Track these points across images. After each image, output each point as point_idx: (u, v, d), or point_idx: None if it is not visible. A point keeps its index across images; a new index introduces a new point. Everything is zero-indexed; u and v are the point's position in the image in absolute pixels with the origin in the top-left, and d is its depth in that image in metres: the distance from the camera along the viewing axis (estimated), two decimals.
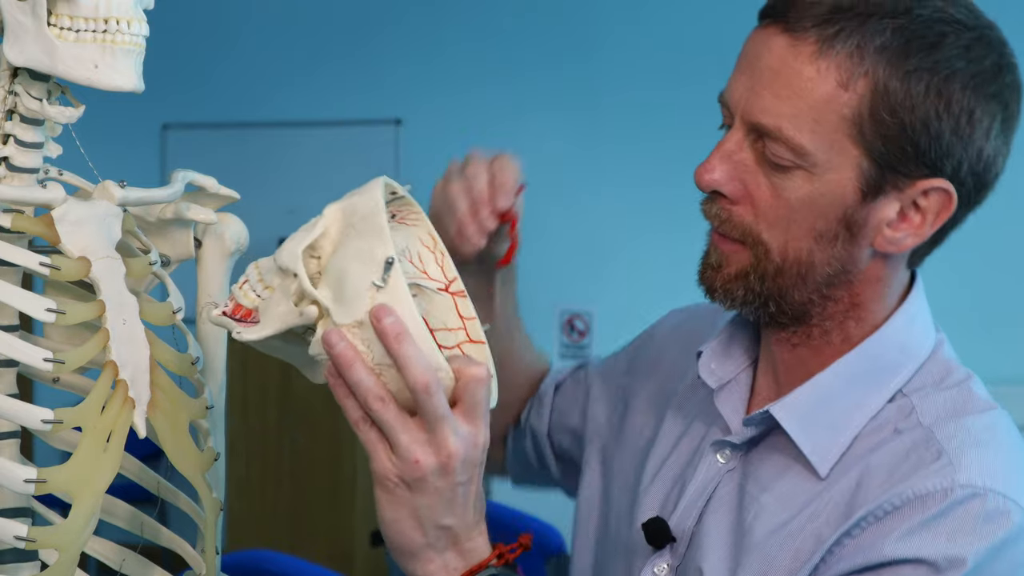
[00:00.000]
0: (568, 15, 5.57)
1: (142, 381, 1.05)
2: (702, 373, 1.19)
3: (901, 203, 1.06)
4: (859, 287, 1.10)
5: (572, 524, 1.37)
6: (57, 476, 1.00)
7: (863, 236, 1.07)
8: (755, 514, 1.10)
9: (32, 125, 1.06)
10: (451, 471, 0.97)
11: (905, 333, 1.12)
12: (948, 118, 1.03)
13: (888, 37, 1.02)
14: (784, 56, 1.05)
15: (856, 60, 1.03)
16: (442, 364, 0.96)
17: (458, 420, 0.97)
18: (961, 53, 1.03)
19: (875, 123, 1.03)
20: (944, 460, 1.03)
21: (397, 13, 5.78)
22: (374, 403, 0.95)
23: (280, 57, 5.94)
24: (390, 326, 0.94)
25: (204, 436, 1.15)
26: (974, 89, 1.03)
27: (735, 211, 1.10)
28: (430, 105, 5.67)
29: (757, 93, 1.06)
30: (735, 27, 5.45)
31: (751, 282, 1.10)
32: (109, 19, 0.98)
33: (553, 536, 3.61)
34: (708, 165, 1.11)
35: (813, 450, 1.09)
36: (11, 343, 1.02)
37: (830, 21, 1.03)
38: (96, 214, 1.05)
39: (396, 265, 0.95)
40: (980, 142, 1.05)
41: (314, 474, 5.32)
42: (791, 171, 1.05)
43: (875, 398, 1.10)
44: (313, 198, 5.14)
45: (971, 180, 1.06)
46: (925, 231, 1.07)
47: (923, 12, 1.03)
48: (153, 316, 1.09)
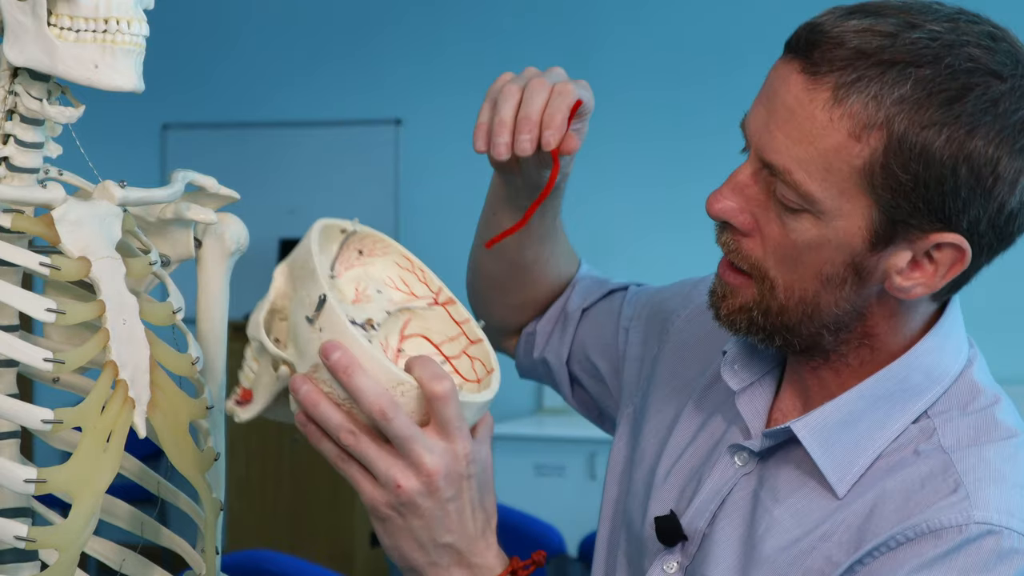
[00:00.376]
0: (568, 15, 5.58)
1: (142, 381, 1.05)
2: (724, 374, 1.17)
3: (913, 252, 1.03)
4: (871, 322, 1.08)
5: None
6: (57, 476, 1.00)
7: (872, 281, 1.05)
8: (767, 527, 1.09)
9: (32, 125, 1.06)
10: (436, 489, 0.97)
11: (933, 357, 1.09)
12: (967, 174, 0.98)
13: (909, 88, 0.97)
14: (800, 97, 1.01)
15: (871, 111, 0.98)
16: (402, 378, 0.96)
17: (432, 437, 0.97)
18: (988, 107, 0.98)
19: (887, 176, 0.99)
20: (961, 493, 1.01)
21: (397, 13, 5.78)
22: (346, 437, 0.96)
23: (280, 57, 5.94)
24: (337, 361, 0.95)
25: (204, 436, 1.15)
26: (999, 144, 0.98)
27: (744, 243, 1.08)
28: (430, 105, 5.67)
29: (771, 132, 1.03)
30: (735, 27, 5.48)
31: (754, 316, 1.08)
32: (109, 19, 0.98)
33: (553, 536, 3.61)
34: (719, 194, 1.08)
35: (832, 470, 1.07)
36: (11, 343, 1.02)
37: (850, 67, 0.99)
38: (96, 214, 1.05)
39: (328, 301, 0.97)
40: (1003, 197, 1.00)
41: (314, 474, 5.31)
42: (799, 213, 1.03)
43: (898, 420, 1.08)
44: (313, 198, 5.18)
45: (991, 234, 1.02)
46: (936, 282, 1.04)
47: (954, 62, 0.98)
48: (153, 316, 1.09)
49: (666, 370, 1.30)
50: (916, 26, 0.99)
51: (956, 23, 1.00)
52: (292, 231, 5.78)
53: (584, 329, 1.42)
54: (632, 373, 1.35)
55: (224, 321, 1.24)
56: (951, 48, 0.98)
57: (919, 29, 0.99)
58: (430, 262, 1.13)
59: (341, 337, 0.96)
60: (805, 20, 1.06)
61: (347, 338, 0.96)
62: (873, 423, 1.08)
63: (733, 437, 1.17)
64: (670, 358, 1.31)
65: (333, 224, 1.09)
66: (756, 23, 5.20)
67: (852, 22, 1.00)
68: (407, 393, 0.97)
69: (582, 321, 1.42)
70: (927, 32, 0.99)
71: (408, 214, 5.68)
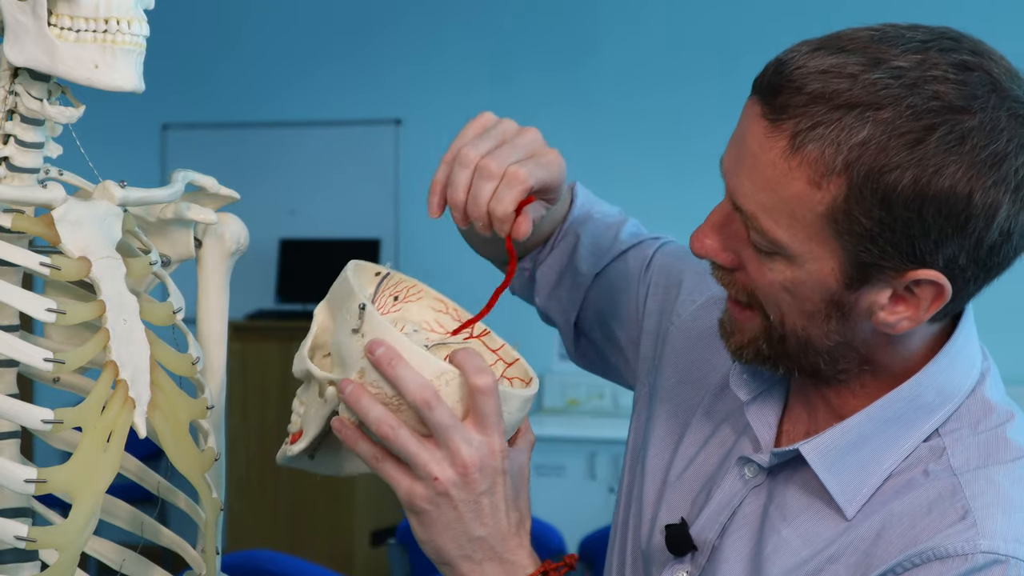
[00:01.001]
0: (568, 15, 5.58)
1: (142, 381, 1.05)
2: (733, 384, 1.16)
3: (893, 288, 1.00)
4: (867, 351, 1.06)
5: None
6: (57, 476, 1.00)
7: (857, 316, 1.03)
8: (774, 547, 1.08)
9: (32, 125, 1.06)
10: (471, 481, 1.01)
11: (945, 375, 1.07)
12: (935, 215, 0.95)
13: (867, 132, 0.94)
14: (763, 144, 0.98)
15: (829, 158, 0.95)
16: (444, 368, 1.00)
17: (469, 429, 1.00)
18: (954, 145, 0.94)
19: (850, 222, 0.97)
20: (969, 521, 1.00)
21: (397, 13, 5.78)
22: (385, 430, 1.00)
23: (280, 57, 5.94)
24: (382, 355, 0.99)
25: (204, 436, 1.15)
26: (970, 180, 0.94)
27: (736, 277, 1.07)
28: (430, 105, 5.67)
29: (739, 176, 1.02)
30: (735, 28, 5.47)
31: (760, 347, 1.08)
32: (109, 19, 0.98)
33: (553, 536, 3.61)
34: (701, 233, 1.07)
35: (841, 492, 1.06)
36: (11, 343, 1.02)
37: (807, 114, 0.95)
38: (96, 214, 1.05)
39: (368, 307, 1.01)
40: (980, 232, 0.96)
41: (314, 474, 5.31)
42: (773, 255, 1.02)
43: (909, 439, 1.07)
44: (313, 198, 5.18)
45: (973, 267, 0.99)
46: (921, 315, 1.01)
47: (916, 101, 0.94)
48: (153, 316, 1.09)
49: (676, 360, 1.29)
50: (880, 63, 0.96)
51: (927, 54, 0.96)
52: (292, 231, 5.79)
53: (597, 293, 1.38)
54: (648, 347, 1.33)
55: (224, 321, 1.24)
56: (914, 87, 0.94)
57: (882, 67, 0.95)
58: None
59: (384, 335, 1.00)
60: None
61: (390, 335, 1.00)
62: (883, 443, 1.07)
63: (743, 447, 1.16)
64: (681, 348, 1.29)
65: (366, 266, 1.12)
66: (756, 23, 5.20)
67: (815, 61, 0.97)
68: (450, 383, 1.00)
69: (595, 284, 1.38)
70: (890, 70, 0.95)
71: (408, 214, 5.68)
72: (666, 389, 1.28)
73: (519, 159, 1.09)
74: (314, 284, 5.68)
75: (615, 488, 4.86)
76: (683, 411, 1.26)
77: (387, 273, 1.13)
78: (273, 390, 5.36)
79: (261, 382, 5.35)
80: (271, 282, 5.74)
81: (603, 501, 4.87)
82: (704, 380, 1.25)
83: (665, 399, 1.28)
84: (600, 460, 4.92)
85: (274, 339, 5.35)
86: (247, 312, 5.54)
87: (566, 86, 5.49)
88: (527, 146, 1.10)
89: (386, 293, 1.14)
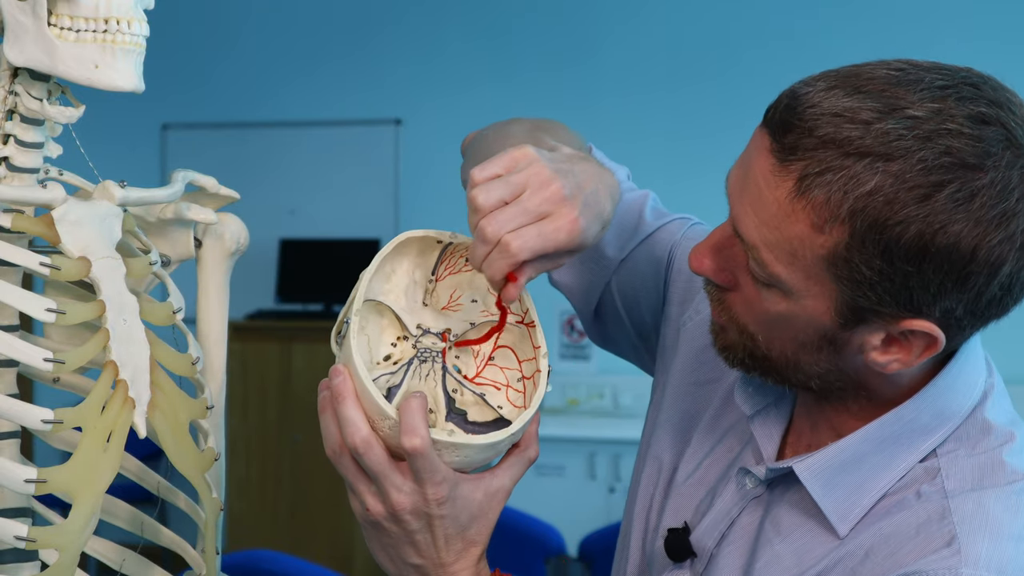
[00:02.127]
0: (568, 15, 5.58)
1: (142, 381, 1.05)
2: (738, 398, 1.16)
3: (887, 331, 1.00)
4: (860, 379, 1.05)
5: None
6: (57, 476, 1.00)
7: (848, 351, 1.02)
8: (767, 562, 1.09)
9: (32, 125, 1.06)
10: (403, 521, 1.04)
11: (944, 397, 1.06)
12: (935, 270, 0.94)
13: (875, 184, 0.92)
14: (769, 180, 0.97)
15: (834, 205, 0.94)
16: (388, 413, 1.02)
17: (403, 478, 1.03)
18: (962, 203, 0.92)
19: (850, 269, 0.96)
20: (954, 547, 1.00)
21: (397, 13, 5.78)
22: (330, 454, 1.06)
23: (280, 57, 5.94)
24: (335, 387, 1.04)
25: (204, 436, 1.15)
26: (975, 237, 0.93)
27: (726, 297, 1.08)
28: (430, 105, 5.67)
29: (743, 206, 1.01)
30: (735, 28, 5.45)
31: (743, 357, 1.08)
32: (109, 19, 0.98)
33: (553, 536, 3.61)
34: (700, 252, 1.07)
35: (834, 511, 1.06)
36: (11, 343, 1.02)
37: (816, 158, 0.94)
38: (96, 214, 1.05)
39: (350, 324, 1.04)
40: (980, 287, 0.95)
41: (314, 474, 5.31)
42: (770, 286, 1.02)
43: (905, 460, 1.06)
44: (313, 198, 5.18)
45: (969, 318, 0.98)
46: (912, 360, 1.01)
47: (928, 155, 0.92)
48: (153, 316, 1.09)
49: (691, 357, 1.29)
50: (895, 110, 0.93)
51: (944, 102, 0.94)
52: (292, 231, 5.79)
53: (622, 278, 1.36)
54: (669, 336, 1.33)
55: (224, 321, 1.24)
56: (927, 140, 0.92)
57: (897, 115, 0.93)
58: None
59: (348, 362, 1.03)
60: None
61: (351, 365, 1.03)
62: (878, 464, 1.06)
63: (746, 458, 1.16)
64: (698, 345, 1.29)
65: (423, 235, 1.12)
66: (757, 23, 5.20)
67: (830, 101, 0.95)
68: (393, 427, 1.02)
69: (620, 269, 1.36)
70: (904, 120, 0.93)
71: (408, 214, 5.68)
72: (679, 386, 1.29)
73: (521, 224, 1.03)
74: (314, 284, 5.70)
75: (615, 488, 4.88)
76: (693, 412, 1.26)
77: (449, 243, 1.13)
78: (273, 390, 5.36)
79: (261, 382, 5.35)
80: (271, 282, 5.74)
81: (603, 501, 4.87)
82: (716, 382, 1.26)
83: (676, 397, 1.28)
84: (600, 460, 4.92)
85: (274, 339, 5.35)
86: (247, 312, 5.54)
87: (566, 86, 5.49)
88: (539, 208, 1.03)
89: (456, 255, 1.14)
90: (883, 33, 4.94)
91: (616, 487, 4.90)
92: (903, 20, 5.04)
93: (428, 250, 1.14)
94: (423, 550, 1.06)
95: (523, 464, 1.09)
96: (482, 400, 1.12)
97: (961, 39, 4.91)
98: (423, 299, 1.15)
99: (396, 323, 1.14)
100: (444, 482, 1.03)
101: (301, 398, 5.31)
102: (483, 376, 1.14)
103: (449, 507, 1.04)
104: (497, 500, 1.07)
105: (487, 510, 1.07)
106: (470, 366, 1.14)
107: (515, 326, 1.13)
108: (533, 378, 1.11)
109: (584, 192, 1.06)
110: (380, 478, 1.03)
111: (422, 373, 1.13)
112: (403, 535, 1.05)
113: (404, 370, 1.12)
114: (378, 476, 1.03)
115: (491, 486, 1.06)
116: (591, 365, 5.26)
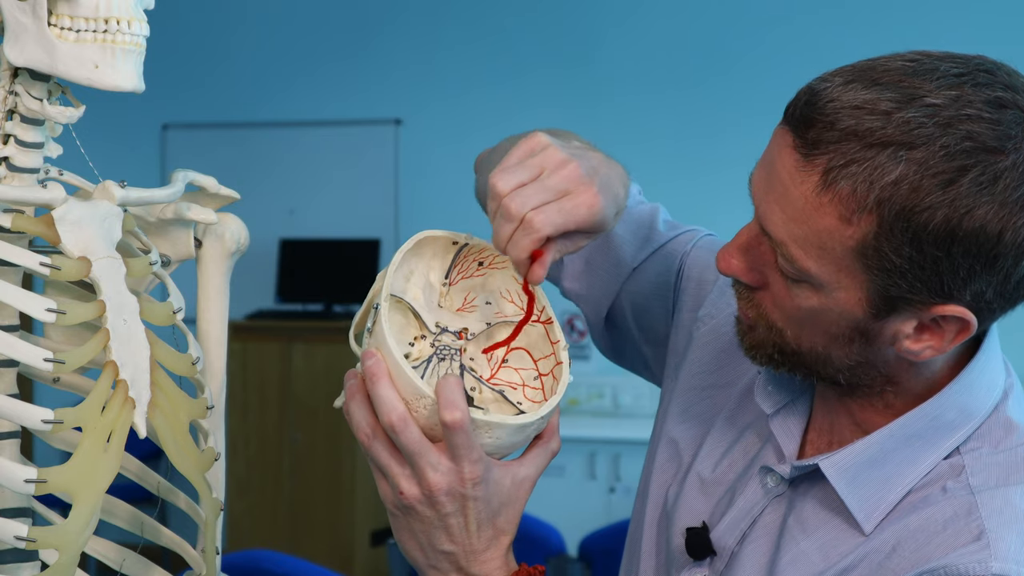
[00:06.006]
0: (568, 15, 5.58)
1: (142, 381, 1.05)
2: (758, 396, 1.17)
3: (919, 319, 1.01)
4: (889, 371, 1.07)
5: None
6: (57, 476, 1.00)
7: (882, 342, 1.03)
8: (792, 558, 1.09)
9: (32, 125, 1.06)
10: (437, 503, 1.03)
11: (967, 394, 1.07)
12: (964, 254, 0.95)
13: (900, 172, 0.94)
14: (794, 176, 0.99)
15: (861, 195, 0.95)
16: (424, 392, 1.02)
17: (439, 455, 1.03)
18: (986, 186, 0.93)
19: (880, 258, 0.97)
20: (983, 541, 1.00)
21: (397, 13, 5.78)
22: (362, 438, 1.05)
23: (280, 57, 5.94)
24: (368, 369, 1.03)
25: (204, 436, 1.15)
26: (1002, 219, 0.94)
27: (755, 296, 1.08)
28: (430, 105, 5.67)
29: (769, 204, 1.02)
30: (735, 28, 5.45)
31: (772, 353, 1.09)
32: (109, 19, 0.98)
33: (553, 536, 3.61)
34: (727, 253, 1.08)
35: (860, 507, 1.07)
36: (11, 343, 1.02)
37: (840, 150, 0.95)
38: (96, 214, 1.05)
39: (380, 309, 1.05)
40: (1008, 269, 0.97)
41: (314, 474, 5.32)
42: (800, 282, 1.02)
43: (929, 457, 1.07)
44: (313, 198, 5.18)
45: (999, 300, 1.00)
46: (945, 346, 1.02)
47: (949, 141, 0.93)
48: (153, 316, 1.09)
49: (704, 360, 1.29)
50: (914, 99, 0.95)
51: (961, 89, 0.95)
52: (292, 231, 5.79)
53: (634, 287, 1.37)
54: (679, 342, 1.34)
55: (224, 321, 1.24)
56: (947, 127, 0.94)
57: (916, 104, 0.95)
58: None
59: (380, 346, 1.03)
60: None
61: (385, 348, 1.03)
62: (903, 461, 1.07)
63: (767, 456, 1.16)
64: (712, 348, 1.29)
65: (440, 236, 1.13)
66: (757, 23, 5.20)
67: (849, 95, 0.97)
68: (428, 407, 1.02)
69: (632, 278, 1.37)
70: (923, 108, 0.95)
71: (408, 214, 5.68)
72: (692, 389, 1.29)
73: (544, 201, 1.04)
74: (314, 284, 5.70)
75: (615, 488, 4.88)
76: (707, 413, 1.26)
77: (464, 244, 1.14)
78: (273, 390, 5.36)
79: (261, 382, 5.35)
80: (271, 282, 5.74)
81: (603, 501, 4.88)
82: (732, 383, 1.26)
83: (690, 399, 1.28)
84: (600, 460, 4.92)
85: (274, 339, 5.35)
86: (247, 312, 5.54)
87: (566, 86, 5.49)
88: (558, 185, 1.05)
89: (471, 259, 1.15)
90: (886, 31, 4.94)
91: (616, 487, 4.90)
92: (904, 20, 5.05)
93: (442, 252, 1.15)
94: (455, 535, 1.05)
95: (547, 455, 1.10)
96: (502, 397, 1.13)
97: (961, 39, 4.92)
98: (438, 301, 1.15)
99: (414, 323, 1.14)
100: (480, 461, 1.03)
101: (301, 398, 5.31)
102: (498, 378, 1.15)
103: (483, 488, 1.04)
104: (524, 489, 1.08)
105: (515, 498, 1.07)
106: (484, 368, 1.15)
107: (531, 325, 1.14)
108: (551, 373, 1.13)
109: (599, 174, 1.08)
110: (416, 457, 1.02)
111: (440, 371, 1.13)
112: (436, 518, 1.04)
113: (423, 368, 1.13)
114: (414, 455, 1.02)
115: (518, 474, 1.07)
116: (591, 365, 5.26)
